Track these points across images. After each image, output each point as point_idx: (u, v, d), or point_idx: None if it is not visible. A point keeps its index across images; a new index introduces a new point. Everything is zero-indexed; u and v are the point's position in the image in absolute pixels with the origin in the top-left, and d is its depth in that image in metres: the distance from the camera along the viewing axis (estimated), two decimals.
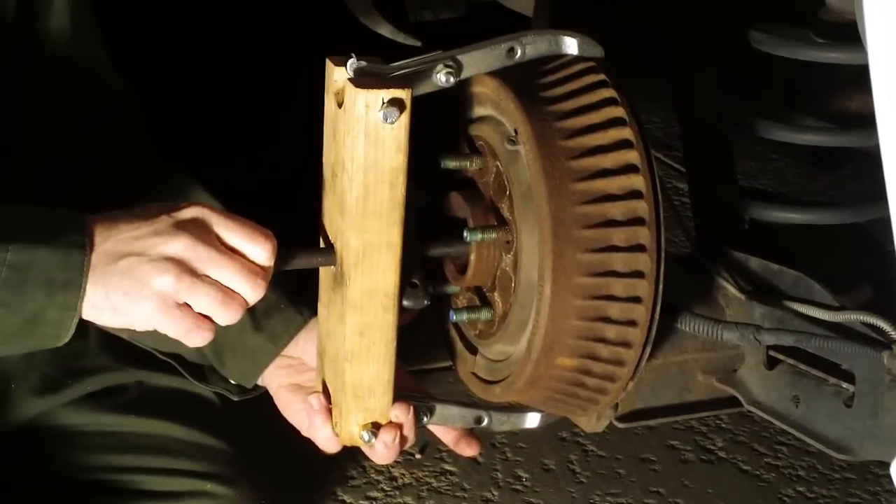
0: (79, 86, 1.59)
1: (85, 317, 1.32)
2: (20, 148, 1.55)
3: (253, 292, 1.32)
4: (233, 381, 1.66)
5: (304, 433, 1.53)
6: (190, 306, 1.31)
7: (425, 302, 1.46)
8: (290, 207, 1.60)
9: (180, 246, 1.29)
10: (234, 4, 3.62)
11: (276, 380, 1.61)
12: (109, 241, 1.31)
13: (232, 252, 1.32)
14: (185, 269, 1.29)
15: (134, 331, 1.35)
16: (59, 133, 1.60)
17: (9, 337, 1.32)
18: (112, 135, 1.65)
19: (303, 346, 1.60)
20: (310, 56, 1.60)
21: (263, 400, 1.66)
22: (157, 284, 1.29)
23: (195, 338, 1.33)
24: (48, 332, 1.32)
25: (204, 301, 1.31)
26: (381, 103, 1.28)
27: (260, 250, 1.33)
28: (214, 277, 1.31)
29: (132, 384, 1.78)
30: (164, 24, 3.52)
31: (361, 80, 1.30)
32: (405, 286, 1.41)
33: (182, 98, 3.25)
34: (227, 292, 1.31)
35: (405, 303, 1.43)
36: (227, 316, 1.32)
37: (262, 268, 1.33)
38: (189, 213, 1.32)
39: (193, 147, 2.38)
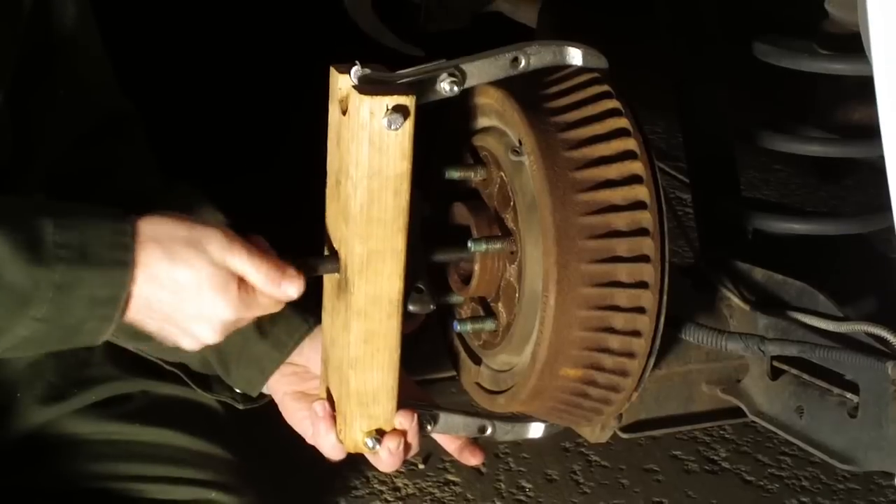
0: (86, 103, 1.61)
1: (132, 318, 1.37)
2: (27, 163, 1.57)
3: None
4: (238, 390, 1.67)
5: (309, 440, 1.54)
6: None
7: (431, 307, 1.46)
8: (296, 215, 1.60)
9: (226, 308, 1.35)
10: (240, 17, 3.62)
11: (281, 387, 1.62)
12: (156, 282, 1.33)
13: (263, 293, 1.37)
14: (227, 325, 1.37)
15: (139, 341, 1.38)
16: (66, 148, 1.61)
17: (45, 345, 1.37)
18: (117, 149, 1.66)
19: (308, 354, 1.61)
20: (315, 67, 1.61)
21: (268, 409, 1.66)
22: (200, 336, 1.37)
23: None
24: (84, 339, 1.35)
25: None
26: (386, 110, 1.29)
27: (289, 291, 1.38)
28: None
29: (137, 393, 1.78)
30: (170, 36, 3.53)
31: (365, 87, 1.30)
32: (410, 293, 1.42)
33: (187, 109, 3.26)
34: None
35: (411, 307, 1.43)
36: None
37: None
38: (232, 262, 1.34)
39: (199, 157, 2.39)
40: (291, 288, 1.36)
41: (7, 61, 1.50)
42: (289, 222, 1.44)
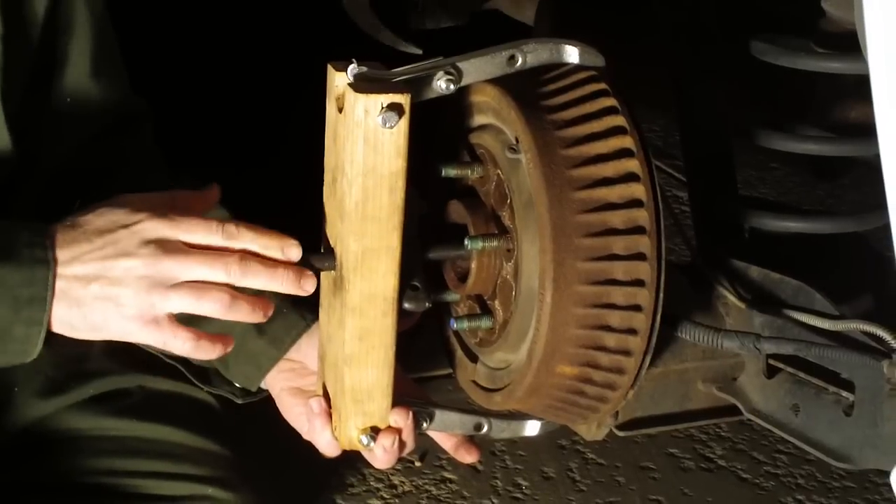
0: (96, 104, 1.61)
1: (67, 334, 1.34)
2: (35, 162, 1.57)
3: (229, 275, 1.33)
4: (237, 385, 1.67)
5: (305, 436, 1.54)
6: (172, 316, 1.33)
7: (426, 304, 1.46)
8: (294, 211, 1.60)
9: (145, 263, 1.31)
10: (240, 14, 3.62)
11: (278, 383, 1.62)
12: (76, 262, 1.32)
13: (199, 249, 1.33)
14: (156, 282, 1.31)
15: None
16: (72, 151, 1.61)
17: None
18: (125, 146, 1.66)
19: (305, 350, 1.61)
20: (314, 64, 1.61)
21: (264, 406, 1.67)
22: (133, 304, 1.31)
23: (176, 346, 1.35)
24: (16, 347, 1.33)
25: (180, 304, 1.32)
26: (380, 108, 1.29)
27: (215, 236, 1.33)
28: (187, 279, 1.32)
29: (134, 388, 1.78)
30: (169, 33, 3.52)
31: (361, 85, 1.31)
32: (405, 290, 1.42)
33: (187, 104, 3.26)
34: (201, 286, 1.33)
35: (406, 305, 1.43)
36: (208, 307, 1.33)
37: (235, 253, 1.33)
38: (147, 225, 1.33)
39: (199, 154, 2.39)
40: (211, 225, 1.33)
41: (18, 76, 1.50)
42: (287, 218, 1.44)
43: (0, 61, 1.46)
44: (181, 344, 1.34)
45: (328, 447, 1.50)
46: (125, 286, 1.31)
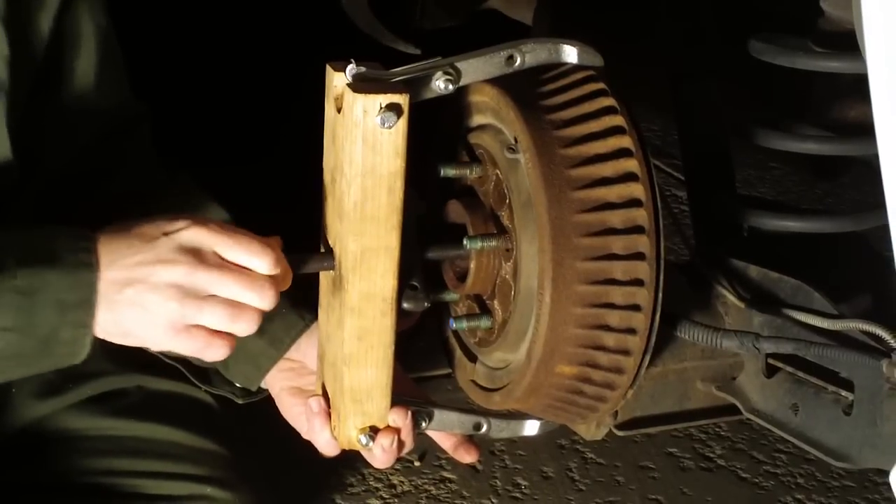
0: (98, 110, 1.61)
1: (102, 337, 1.35)
2: (35, 166, 1.57)
3: (262, 301, 1.34)
4: (237, 385, 1.67)
5: (305, 436, 1.54)
6: (202, 325, 1.34)
7: (425, 304, 1.46)
8: (292, 212, 1.61)
9: (181, 272, 1.32)
10: (239, 12, 3.62)
11: (277, 383, 1.62)
12: (114, 266, 1.33)
13: (234, 265, 1.34)
14: (189, 292, 1.32)
15: None
16: (72, 155, 1.61)
17: (26, 360, 1.35)
18: (125, 149, 1.66)
19: (304, 350, 1.61)
20: (312, 64, 1.61)
21: (263, 406, 1.67)
22: (164, 312, 1.32)
23: (210, 354, 1.36)
24: (64, 350, 1.34)
25: (212, 320, 1.34)
26: (379, 108, 1.29)
27: (259, 261, 1.34)
28: (220, 295, 1.33)
29: (133, 388, 1.78)
30: (169, 30, 3.52)
31: (360, 85, 1.31)
32: (404, 290, 1.42)
33: (186, 105, 3.26)
34: (235, 306, 1.34)
35: (405, 305, 1.43)
36: (240, 328, 1.35)
37: (267, 276, 1.34)
38: (186, 234, 1.34)
39: (199, 153, 2.39)
40: (265, 255, 1.34)
41: (23, 91, 1.50)
42: (287, 216, 1.44)
43: (7, 83, 1.46)
44: (217, 353, 1.36)
45: (327, 447, 1.50)
46: (157, 293, 1.32)
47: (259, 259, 1.34)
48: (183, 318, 1.33)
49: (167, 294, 1.32)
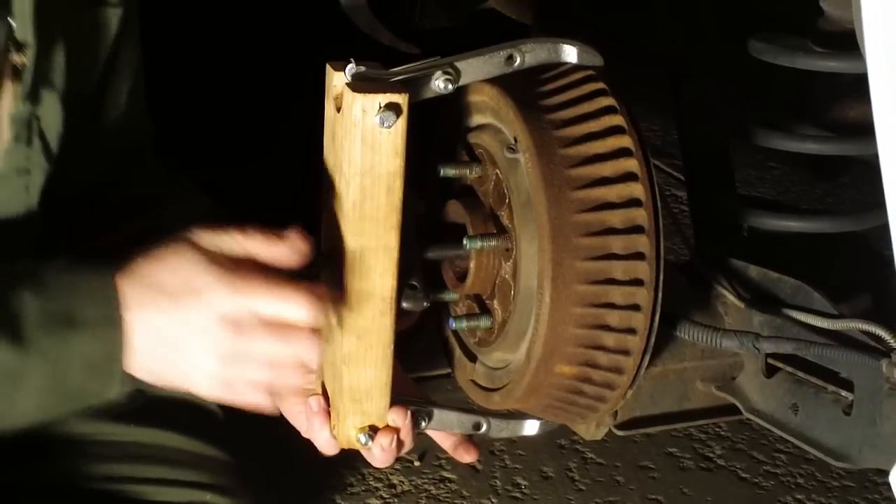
0: (125, 134, 1.62)
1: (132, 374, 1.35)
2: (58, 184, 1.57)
3: (305, 354, 1.34)
4: None
5: (304, 434, 1.54)
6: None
7: (424, 304, 1.46)
8: (293, 212, 1.60)
9: (218, 342, 1.30)
10: (239, 12, 3.62)
11: None
12: (144, 327, 1.31)
13: (273, 322, 1.32)
14: (226, 358, 1.31)
15: None
16: (97, 173, 1.61)
17: (59, 409, 1.35)
18: (132, 162, 1.66)
19: None
20: (312, 64, 1.61)
21: None
22: (202, 376, 1.32)
23: (258, 406, 1.37)
24: (95, 399, 1.34)
25: (253, 378, 1.33)
26: (378, 108, 1.29)
27: (298, 312, 1.32)
28: (260, 357, 1.33)
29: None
30: (169, 31, 3.52)
31: (359, 84, 1.31)
32: (403, 290, 1.42)
33: (186, 105, 3.26)
34: (278, 367, 1.33)
35: (404, 304, 1.43)
36: (288, 389, 1.36)
37: (307, 329, 1.33)
38: (221, 300, 1.30)
39: (198, 153, 2.39)
40: (296, 241, 1.33)
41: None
42: (287, 216, 1.44)
43: (56, 155, 1.46)
44: (253, 403, 1.36)
45: (326, 446, 1.49)
46: (195, 357, 1.31)
47: (298, 309, 1.32)
48: (221, 377, 1.32)
49: (205, 360, 1.31)
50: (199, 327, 1.30)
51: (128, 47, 1.58)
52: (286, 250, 1.33)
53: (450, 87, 1.37)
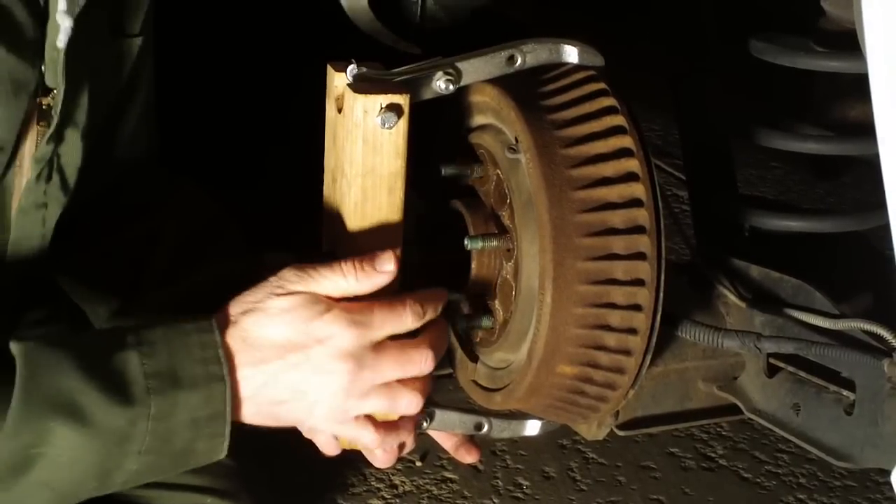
0: (130, 150, 1.62)
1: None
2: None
3: (424, 370, 1.36)
4: None
5: (306, 434, 1.54)
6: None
7: None
8: (292, 213, 1.61)
9: (340, 380, 1.32)
10: (236, 14, 3.62)
11: None
12: (260, 376, 1.32)
13: (389, 347, 1.34)
14: (351, 393, 1.33)
15: None
16: (104, 185, 1.62)
17: (161, 471, 1.35)
18: (138, 171, 1.67)
19: None
20: (312, 64, 1.61)
21: None
22: (325, 415, 1.34)
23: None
24: (200, 459, 1.35)
25: (375, 410, 1.36)
26: (379, 109, 1.29)
27: (405, 322, 1.34)
28: (382, 383, 1.34)
29: None
30: (167, 31, 3.52)
31: (360, 85, 1.31)
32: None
33: (186, 104, 3.26)
34: (396, 391, 1.35)
35: None
36: (407, 411, 1.38)
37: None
38: (337, 340, 1.31)
39: (195, 153, 2.39)
40: (387, 265, 1.33)
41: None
42: (287, 216, 1.44)
43: (73, 188, 1.46)
44: (367, 440, 1.38)
45: (328, 446, 1.50)
46: (319, 398, 1.32)
47: (405, 321, 1.34)
48: (345, 414, 1.34)
49: (330, 400, 1.33)
50: (322, 369, 1.31)
51: (145, 68, 1.59)
52: (382, 280, 1.34)
53: (451, 87, 1.37)
